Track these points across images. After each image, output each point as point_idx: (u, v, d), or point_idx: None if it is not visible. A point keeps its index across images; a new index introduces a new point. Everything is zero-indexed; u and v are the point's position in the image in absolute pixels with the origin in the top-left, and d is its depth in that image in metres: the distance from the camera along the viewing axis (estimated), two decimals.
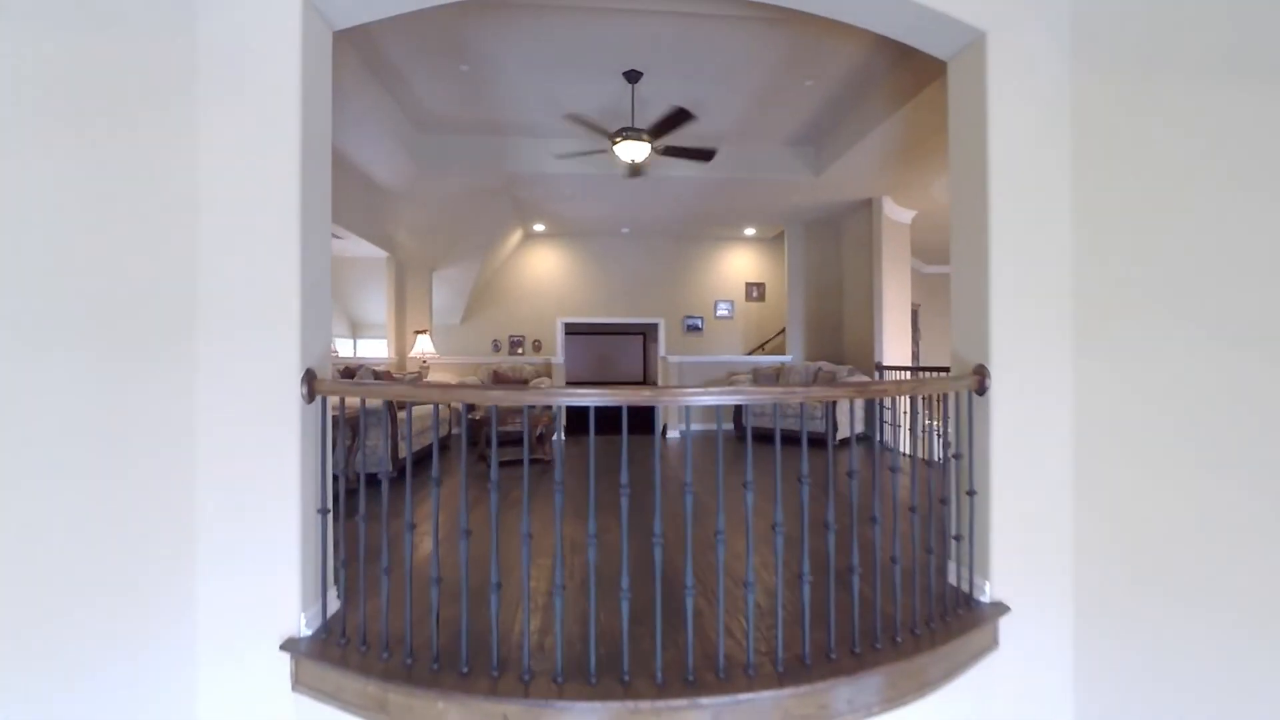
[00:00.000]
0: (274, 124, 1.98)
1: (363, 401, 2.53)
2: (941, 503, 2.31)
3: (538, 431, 5.68)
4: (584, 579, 2.56)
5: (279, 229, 1.98)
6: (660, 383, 7.91)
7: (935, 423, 2.82)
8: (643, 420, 9.93)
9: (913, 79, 4.36)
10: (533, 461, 5.64)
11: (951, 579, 2.37)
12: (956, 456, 2.30)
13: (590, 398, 1.76)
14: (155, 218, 1.87)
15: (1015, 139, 2.30)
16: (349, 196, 6.04)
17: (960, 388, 2.27)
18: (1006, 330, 2.29)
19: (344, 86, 4.18)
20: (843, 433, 6.59)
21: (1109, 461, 2.23)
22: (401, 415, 5.03)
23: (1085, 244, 2.29)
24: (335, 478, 2.75)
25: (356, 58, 4.39)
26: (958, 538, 2.32)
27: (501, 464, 5.46)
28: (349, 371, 5.07)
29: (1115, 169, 2.21)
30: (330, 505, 2.11)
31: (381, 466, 2.06)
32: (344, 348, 9.14)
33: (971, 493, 2.29)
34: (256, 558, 1.97)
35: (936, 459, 3.08)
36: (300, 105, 2.00)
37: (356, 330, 9.42)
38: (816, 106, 5.26)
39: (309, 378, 2.01)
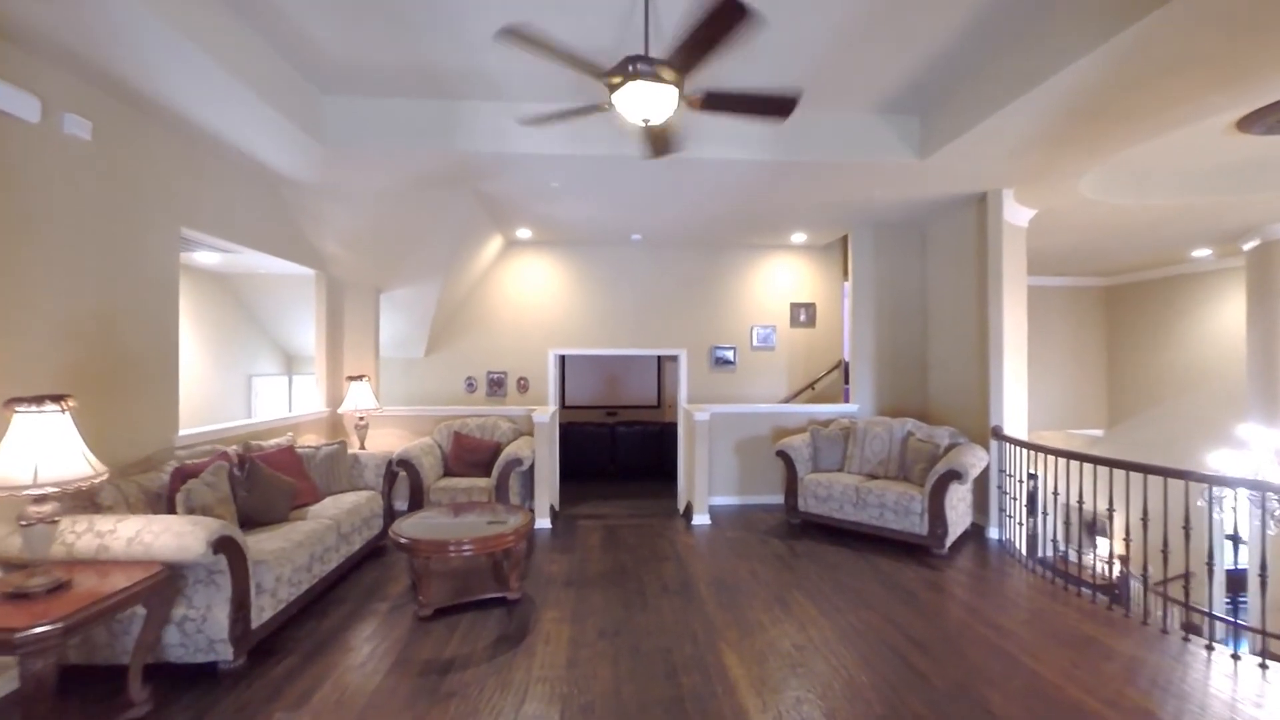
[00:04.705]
0: None
1: None
2: None
3: (503, 551, 3.67)
4: None
5: None
6: (681, 450, 5.85)
7: None
8: (655, 458, 7.91)
9: None
10: (498, 601, 3.64)
11: None
12: None
13: None
14: None
15: None
16: (231, 193, 4.07)
17: None
18: None
19: (166, 27, 2.21)
20: (955, 529, 4.54)
21: None
22: (270, 546, 3.02)
23: None
24: None
25: None
26: None
27: (445, 610, 3.47)
28: (185, 472, 3.06)
29: None
30: None
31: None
32: (276, 389, 7.18)
33: None
34: None
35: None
36: None
37: (293, 365, 7.44)
38: (941, 47, 3.22)
39: None
